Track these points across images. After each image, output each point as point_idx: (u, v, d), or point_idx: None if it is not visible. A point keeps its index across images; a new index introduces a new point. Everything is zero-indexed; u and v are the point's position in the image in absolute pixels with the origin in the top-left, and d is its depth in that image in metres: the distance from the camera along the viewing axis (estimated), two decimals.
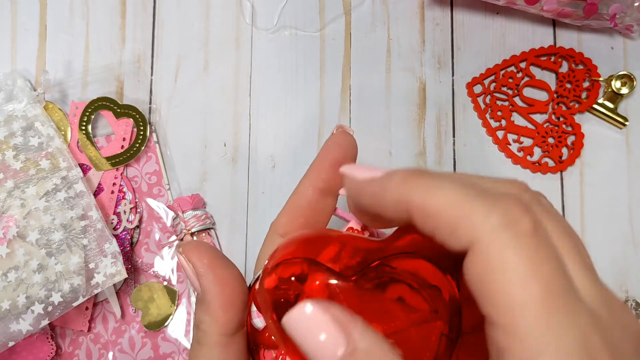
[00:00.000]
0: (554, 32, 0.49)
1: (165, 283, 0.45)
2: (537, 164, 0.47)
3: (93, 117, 0.46)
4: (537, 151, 0.48)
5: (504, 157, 0.48)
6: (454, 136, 0.48)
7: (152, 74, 0.49)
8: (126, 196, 0.46)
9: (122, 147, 0.46)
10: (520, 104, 0.48)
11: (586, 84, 0.48)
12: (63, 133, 0.46)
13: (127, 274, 0.41)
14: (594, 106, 0.48)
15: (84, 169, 0.45)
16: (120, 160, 0.46)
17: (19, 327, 0.39)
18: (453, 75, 0.49)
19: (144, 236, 0.46)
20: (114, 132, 0.46)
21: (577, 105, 0.48)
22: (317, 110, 0.48)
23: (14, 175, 0.41)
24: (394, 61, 0.49)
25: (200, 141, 0.48)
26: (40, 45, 0.49)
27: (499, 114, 0.48)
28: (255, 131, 0.48)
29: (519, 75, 0.48)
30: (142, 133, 0.46)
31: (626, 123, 0.47)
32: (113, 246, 0.41)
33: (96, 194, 0.45)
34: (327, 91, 0.49)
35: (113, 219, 0.45)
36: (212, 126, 0.48)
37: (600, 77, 0.48)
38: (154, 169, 0.47)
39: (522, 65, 0.49)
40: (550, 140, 0.48)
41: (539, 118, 0.48)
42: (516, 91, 0.48)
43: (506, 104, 0.48)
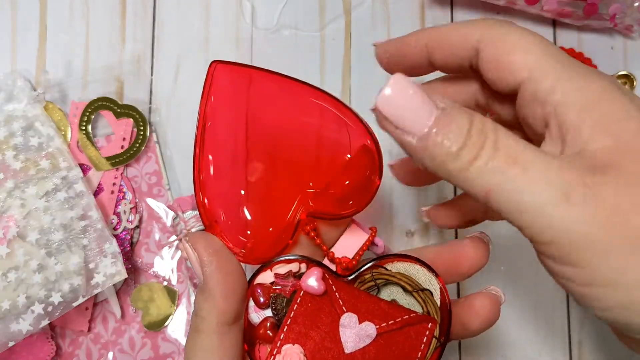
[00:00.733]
0: (554, 32, 0.49)
1: (165, 283, 0.45)
2: None
3: (93, 117, 0.46)
4: None
5: None
6: None
7: (152, 74, 0.49)
8: (126, 196, 0.46)
9: (122, 147, 0.46)
10: None
11: None
12: (63, 133, 0.46)
13: (127, 274, 0.41)
14: None
15: (84, 169, 0.45)
16: (120, 160, 0.46)
17: (19, 327, 0.39)
18: None
19: (144, 236, 0.46)
20: (114, 132, 0.46)
21: None
22: None
23: (14, 175, 0.42)
24: None
25: None
26: (40, 45, 0.49)
27: None
28: None
29: None
30: (142, 133, 0.46)
31: None
32: (113, 246, 0.41)
33: (96, 194, 0.45)
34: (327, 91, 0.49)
35: (113, 219, 0.45)
36: None
37: None
38: (154, 169, 0.47)
39: None
40: None
41: None
42: None
43: None
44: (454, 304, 0.28)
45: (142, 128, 0.46)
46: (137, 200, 0.46)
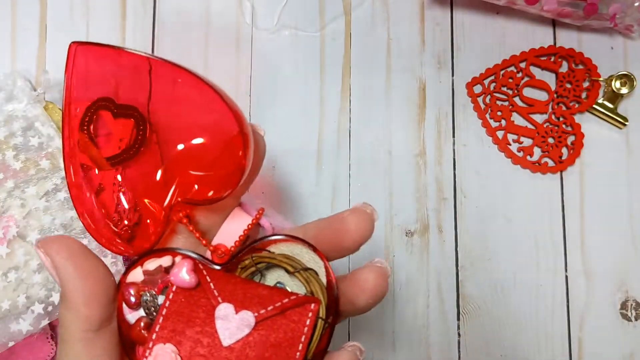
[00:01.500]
0: (554, 32, 0.49)
1: None
2: (537, 164, 0.47)
3: (93, 117, 0.46)
4: (537, 151, 0.48)
5: (504, 157, 0.48)
6: (453, 136, 0.48)
7: None
8: (126, 196, 0.46)
9: (122, 147, 0.46)
10: (520, 104, 0.48)
11: (586, 84, 0.48)
12: None
13: None
14: (594, 106, 0.48)
15: (84, 169, 0.45)
16: (120, 160, 0.46)
17: (19, 327, 0.39)
18: (453, 75, 0.49)
19: None
20: (113, 132, 0.46)
21: (577, 105, 0.48)
22: (317, 110, 0.48)
23: (14, 175, 0.42)
24: (394, 61, 0.49)
25: None
26: (40, 45, 0.49)
27: (498, 114, 0.48)
28: None
29: (519, 75, 0.48)
30: (142, 133, 0.46)
31: (626, 123, 0.47)
32: None
33: (96, 194, 0.45)
34: (327, 91, 0.49)
35: (113, 219, 0.45)
36: None
37: (600, 77, 0.48)
38: None
39: (522, 65, 0.49)
40: (550, 140, 0.48)
41: (538, 118, 0.48)
42: (516, 91, 0.48)
43: (506, 104, 0.48)
44: (341, 281, 0.26)
45: (142, 128, 0.46)
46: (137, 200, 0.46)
